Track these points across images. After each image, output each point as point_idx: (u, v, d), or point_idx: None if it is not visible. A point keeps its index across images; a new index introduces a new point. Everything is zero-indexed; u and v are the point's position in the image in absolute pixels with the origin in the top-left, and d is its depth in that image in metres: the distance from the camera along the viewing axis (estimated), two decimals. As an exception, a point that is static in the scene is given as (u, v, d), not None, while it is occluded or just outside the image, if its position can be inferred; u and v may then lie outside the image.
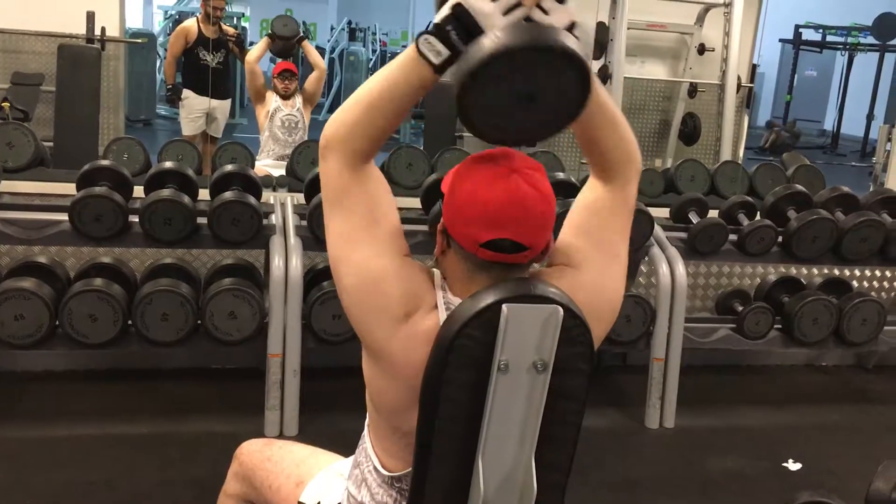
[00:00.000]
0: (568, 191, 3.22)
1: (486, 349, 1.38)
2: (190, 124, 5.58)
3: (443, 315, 1.33)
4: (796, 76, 12.93)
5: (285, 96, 4.97)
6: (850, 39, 12.20)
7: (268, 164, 4.81)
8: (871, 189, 5.50)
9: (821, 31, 12.40)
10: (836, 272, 3.91)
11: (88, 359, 3.33)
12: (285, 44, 4.98)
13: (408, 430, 1.37)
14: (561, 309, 1.38)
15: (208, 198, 3.08)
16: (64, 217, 2.83)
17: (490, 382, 1.38)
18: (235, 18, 10.89)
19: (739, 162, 6.54)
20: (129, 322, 2.85)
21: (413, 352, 1.32)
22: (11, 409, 3.03)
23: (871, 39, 11.59)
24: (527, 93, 1.18)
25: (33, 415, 3.02)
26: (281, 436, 2.92)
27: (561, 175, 3.33)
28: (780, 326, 3.46)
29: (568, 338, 1.40)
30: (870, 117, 11.67)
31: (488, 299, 1.37)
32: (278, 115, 4.94)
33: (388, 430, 1.43)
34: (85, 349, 2.84)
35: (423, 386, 1.41)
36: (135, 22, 11.53)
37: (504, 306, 1.35)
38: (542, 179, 1.28)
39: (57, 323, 2.79)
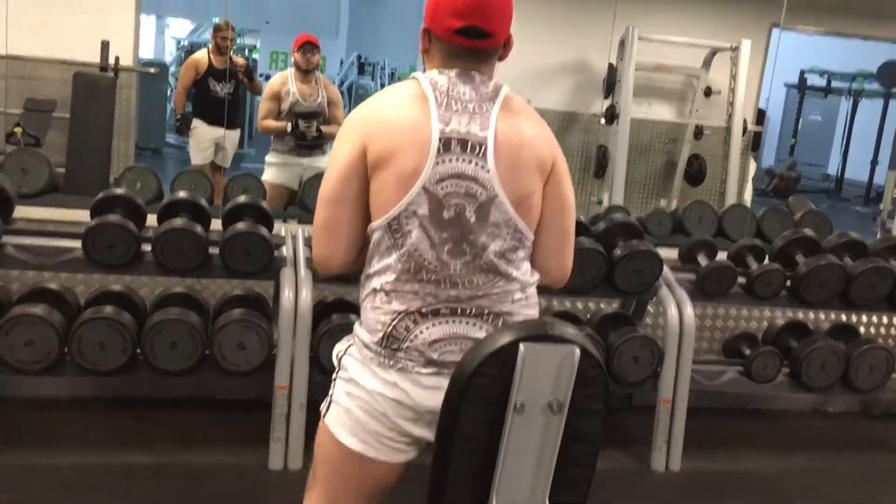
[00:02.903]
0: (576, 230, 3.23)
1: (502, 387, 1.39)
2: (199, 154, 5.61)
3: (428, 90, 1.57)
4: (801, 120, 13.02)
5: (305, 79, 4.64)
6: (854, 85, 12.30)
7: (278, 164, 4.71)
8: (878, 235, 5.52)
9: (825, 76, 12.51)
10: (844, 318, 3.91)
11: (95, 386, 3.32)
12: (309, 119, 4.65)
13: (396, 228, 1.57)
14: (577, 349, 1.39)
15: (219, 228, 3.10)
16: (77, 244, 2.84)
17: (506, 422, 1.39)
18: (246, 50, 11.01)
19: (746, 204, 6.62)
20: (138, 350, 2.85)
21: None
22: (16, 436, 3.02)
23: (876, 86, 11.68)
24: None
25: (37, 442, 3.01)
26: (285, 469, 2.91)
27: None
28: (787, 371, 3.45)
29: (583, 378, 1.41)
30: (874, 163, 11.72)
31: (506, 338, 1.38)
32: (296, 109, 4.63)
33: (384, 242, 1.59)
34: (93, 376, 2.84)
35: (440, 421, 1.42)
36: (147, 52, 11.66)
37: (521, 345, 1.37)
38: None
39: (66, 350, 2.79)
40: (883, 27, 7.60)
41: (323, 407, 1.71)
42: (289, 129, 4.57)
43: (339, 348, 1.73)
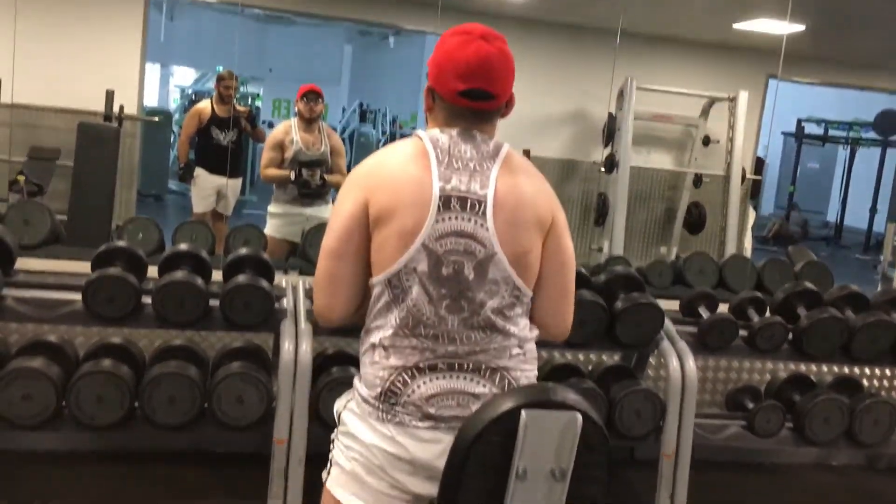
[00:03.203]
0: (577, 282, 3.23)
1: (504, 454, 1.37)
2: (201, 202, 5.63)
3: (430, 148, 1.59)
4: (799, 168, 13.11)
5: (308, 128, 4.64)
6: (851, 134, 12.41)
7: (280, 214, 4.70)
8: (879, 284, 5.53)
9: (823, 125, 12.62)
10: (847, 370, 3.89)
11: (92, 440, 3.28)
12: (312, 167, 4.63)
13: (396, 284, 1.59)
14: (580, 416, 1.38)
15: (221, 279, 3.10)
16: (77, 297, 2.84)
17: (508, 489, 1.37)
18: (249, 98, 11.15)
19: (746, 251, 6.63)
20: (136, 404, 2.83)
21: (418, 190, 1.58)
22: (11, 491, 2.98)
23: (872, 134, 11.78)
24: None
25: (34, 496, 2.97)
26: (283, 526, 2.87)
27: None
28: (791, 425, 3.42)
29: (586, 444, 1.40)
30: (873, 210, 11.78)
31: (507, 405, 1.37)
32: (299, 158, 4.61)
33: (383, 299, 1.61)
34: (91, 431, 2.81)
35: (442, 486, 1.40)
36: (151, 99, 11.81)
37: (523, 412, 1.36)
38: (502, 44, 1.61)
39: (64, 403, 2.77)
40: (878, 78, 7.70)
41: (325, 473, 1.70)
42: (292, 177, 4.56)
43: (339, 405, 1.74)
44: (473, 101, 1.59)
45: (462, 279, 1.56)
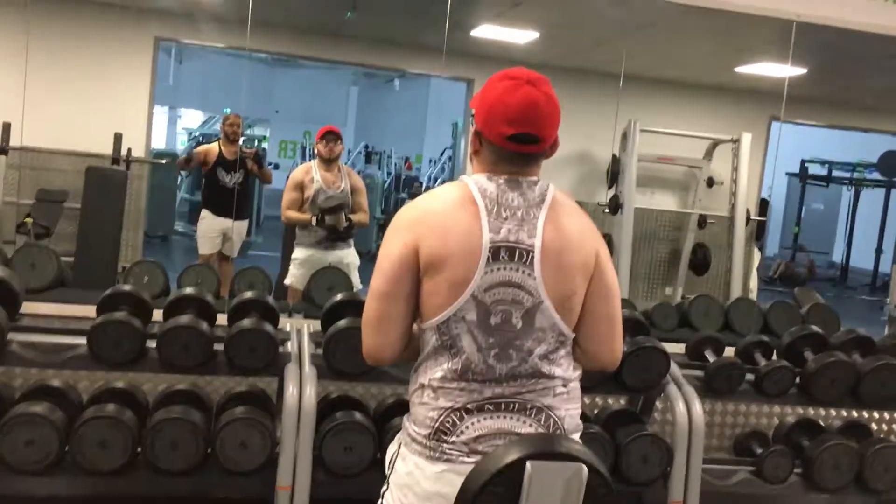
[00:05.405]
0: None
1: (509, 506, 1.36)
2: (206, 243, 5.65)
3: (477, 197, 1.62)
4: (804, 209, 13.12)
5: (328, 168, 4.62)
6: (855, 175, 12.43)
7: (303, 260, 4.63)
8: (886, 327, 5.50)
9: (826, 165, 12.65)
10: (855, 414, 3.84)
11: (94, 485, 3.24)
12: (334, 212, 4.58)
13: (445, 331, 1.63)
14: (585, 467, 1.37)
15: (225, 322, 3.09)
16: (82, 341, 2.84)
17: (513, 542, 1.35)
18: (256, 140, 11.26)
19: (751, 292, 6.60)
20: (139, 449, 2.81)
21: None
22: (10, 537, 2.95)
23: (876, 175, 11.81)
24: None
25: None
26: (285, 574, 2.82)
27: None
28: (800, 471, 3.38)
29: (592, 497, 1.38)
30: (878, 251, 11.76)
31: (512, 456, 1.36)
32: (321, 196, 4.57)
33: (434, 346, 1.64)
34: (93, 477, 2.79)
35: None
36: (159, 142, 11.91)
37: (528, 464, 1.34)
38: (548, 88, 1.65)
39: (67, 449, 2.75)
40: (881, 120, 7.73)
41: None
42: (313, 222, 4.52)
43: (391, 451, 1.76)
44: (521, 146, 1.62)
45: (510, 328, 1.61)
